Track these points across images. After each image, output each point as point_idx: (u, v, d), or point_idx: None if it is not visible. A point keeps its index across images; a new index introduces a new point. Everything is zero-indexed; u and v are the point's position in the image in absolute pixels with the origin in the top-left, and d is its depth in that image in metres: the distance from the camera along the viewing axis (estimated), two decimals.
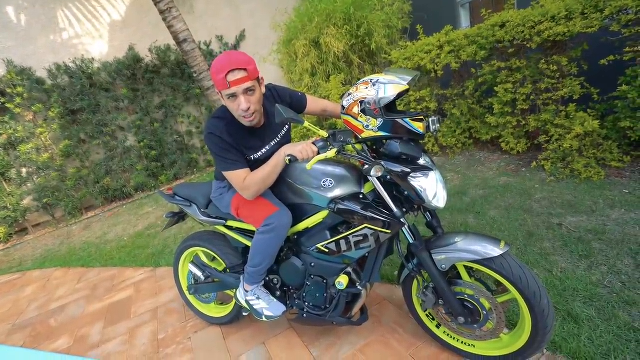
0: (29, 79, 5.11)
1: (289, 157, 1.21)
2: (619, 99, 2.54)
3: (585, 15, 2.49)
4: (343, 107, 1.32)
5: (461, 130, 3.70)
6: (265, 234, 1.44)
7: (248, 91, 1.26)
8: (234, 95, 1.25)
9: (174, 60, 6.03)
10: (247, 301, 1.65)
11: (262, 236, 1.46)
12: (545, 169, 2.89)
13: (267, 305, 1.61)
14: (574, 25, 2.48)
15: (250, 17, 6.62)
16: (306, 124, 1.18)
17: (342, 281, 1.44)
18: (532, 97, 2.97)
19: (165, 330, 2.17)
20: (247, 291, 1.63)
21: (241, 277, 1.68)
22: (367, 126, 1.24)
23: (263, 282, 1.65)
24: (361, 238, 1.35)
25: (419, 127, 1.20)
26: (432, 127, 1.23)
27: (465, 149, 3.84)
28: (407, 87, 1.20)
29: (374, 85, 1.23)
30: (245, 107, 1.26)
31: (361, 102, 1.24)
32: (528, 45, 2.80)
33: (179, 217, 2.02)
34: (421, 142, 1.35)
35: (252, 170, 1.41)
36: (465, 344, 1.46)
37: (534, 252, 2.00)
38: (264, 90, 1.39)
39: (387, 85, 1.20)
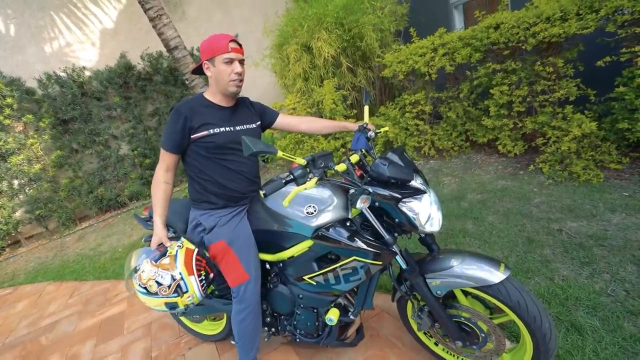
0: (18, 90, 5.03)
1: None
2: (616, 100, 2.51)
3: (581, 16, 2.46)
4: None
5: (457, 133, 3.67)
6: (237, 304, 1.44)
7: (241, 61, 1.39)
8: (230, 61, 1.35)
9: (166, 67, 5.97)
10: None
11: (235, 308, 1.45)
12: (543, 172, 2.85)
13: None
14: (569, 27, 2.45)
15: (242, 22, 6.58)
16: (280, 153, 1.04)
17: (332, 317, 1.36)
18: (528, 99, 2.94)
19: (159, 347, 2.11)
20: None
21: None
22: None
23: None
24: (350, 271, 1.26)
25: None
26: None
27: (461, 152, 3.80)
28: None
29: None
30: (239, 70, 1.37)
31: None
32: (523, 47, 2.76)
33: None
34: (402, 147, 1.28)
35: (212, 146, 1.39)
36: None
37: (534, 259, 1.96)
38: None
39: None
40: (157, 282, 1.27)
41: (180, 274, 1.29)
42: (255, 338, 1.52)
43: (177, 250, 1.33)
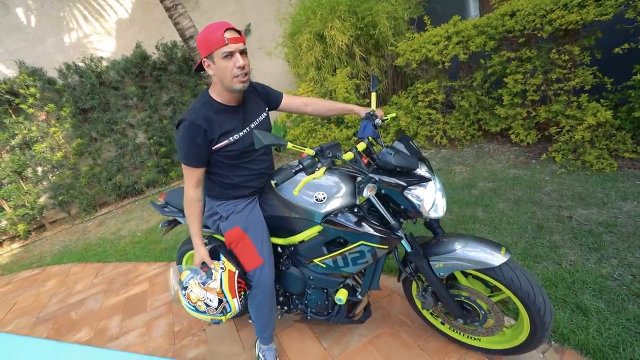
0: (40, 80, 5.19)
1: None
2: (633, 89, 2.48)
3: (599, 2, 2.42)
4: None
5: (470, 122, 3.66)
6: (253, 289, 1.52)
7: (243, 52, 1.24)
8: (230, 54, 1.20)
9: (180, 57, 6.06)
10: (258, 355, 1.75)
11: (251, 293, 1.53)
12: (555, 161, 2.85)
13: None
14: (587, 13, 2.41)
15: (255, 11, 6.58)
16: (289, 145, 1.06)
17: (342, 297, 1.44)
18: (542, 88, 2.92)
19: (181, 323, 2.24)
20: (261, 347, 1.73)
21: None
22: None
23: (274, 347, 1.72)
24: (358, 254, 1.33)
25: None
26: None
27: (473, 141, 3.80)
28: None
29: None
30: (242, 64, 1.21)
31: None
32: (539, 35, 2.74)
33: (176, 222, 1.97)
34: (412, 140, 1.30)
35: (235, 154, 1.38)
36: (471, 337, 1.49)
37: (543, 245, 2.00)
38: None
39: None
40: (206, 304, 1.42)
41: (225, 297, 1.43)
42: (271, 318, 1.61)
43: (221, 274, 1.44)
